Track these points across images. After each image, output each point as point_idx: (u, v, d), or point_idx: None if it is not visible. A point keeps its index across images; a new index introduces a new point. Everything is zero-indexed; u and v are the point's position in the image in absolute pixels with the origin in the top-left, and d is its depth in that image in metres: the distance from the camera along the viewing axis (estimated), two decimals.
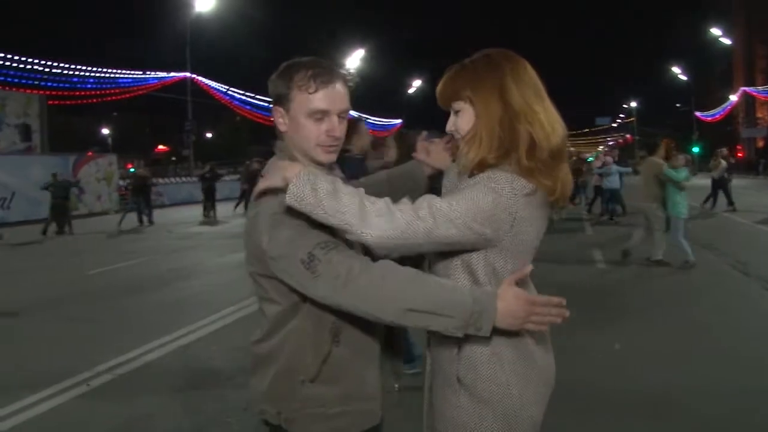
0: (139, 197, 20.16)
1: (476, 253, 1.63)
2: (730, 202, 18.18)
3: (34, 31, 78.13)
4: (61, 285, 9.87)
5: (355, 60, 48.76)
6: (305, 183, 1.53)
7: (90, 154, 28.07)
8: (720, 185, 18.41)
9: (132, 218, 19.58)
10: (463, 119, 1.69)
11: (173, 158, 63.67)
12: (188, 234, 17.06)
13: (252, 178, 18.80)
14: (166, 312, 7.66)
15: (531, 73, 1.67)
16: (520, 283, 1.60)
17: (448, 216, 1.53)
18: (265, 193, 1.65)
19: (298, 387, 1.71)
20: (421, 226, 1.52)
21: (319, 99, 1.69)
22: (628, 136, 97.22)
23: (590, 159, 23.73)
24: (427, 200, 1.57)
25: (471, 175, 1.64)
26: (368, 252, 1.62)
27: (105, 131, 62.93)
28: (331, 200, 1.51)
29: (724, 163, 18.12)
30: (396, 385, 1.97)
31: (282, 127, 1.79)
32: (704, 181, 19.53)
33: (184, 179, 34.78)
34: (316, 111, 1.70)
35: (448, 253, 1.66)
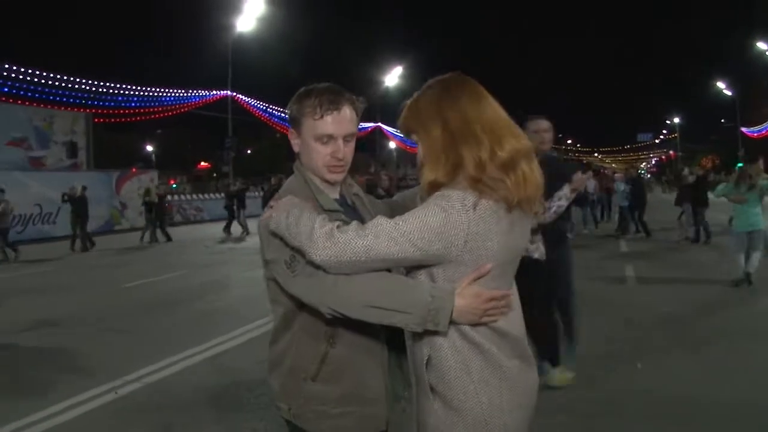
0: (151, 214, 20.28)
1: (436, 268, 1.68)
2: None
3: (81, 52, 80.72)
4: (99, 297, 10.17)
5: (393, 77, 49.04)
6: (282, 212, 1.74)
7: (134, 170, 28.81)
8: None
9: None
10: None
11: (214, 174, 64.74)
12: (223, 249, 17.35)
13: (270, 194, 19.04)
14: (198, 324, 7.84)
15: (472, 95, 1.73)
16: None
17: (390, 234, 1.61)
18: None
19: (302, 384, 1.88)
20: (360, 244, 1.61)
21: (325, 124, 1.87)
22: (671, 152, 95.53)
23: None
24: (375, 220, 1.67)
25: (427, 195, 1.72)
26: None
27: (149, 148, 64.36)
28: (294, 226, 1.69)
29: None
30: (406, 393, 2.03)
31: (296, 148, 1.99)
32: None
33: (223, 195, 35.34)
34: (322, 135, 1.88)
35: (413, 268, 1.73)
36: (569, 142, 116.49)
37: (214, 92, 36.03)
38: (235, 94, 37.13)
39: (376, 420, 1.91)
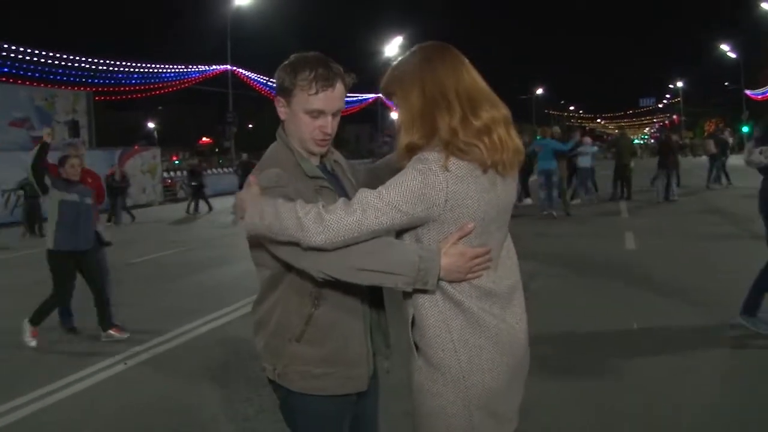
0: (115, 198, 18.85)
1: (421, 228, 1.77)
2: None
3: (79, 30, 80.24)
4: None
5: (393, 47, 48.71)
6: (254, 213, 1.75)
7: (136, 147, 28.88)
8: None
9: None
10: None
11: (216, 149, 64.77)
12: (227, 223, 17.49)
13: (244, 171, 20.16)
14: (203, 296, 8.02)
15: (450, 63, 1.80)
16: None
17: (376, 205, 1.68)
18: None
19: (286, 345, 1.93)
20: (350, 221, 1.67)
21: (318, 100, 1.91)
22: (674, 117, 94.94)
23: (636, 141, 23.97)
24: (359, 194, 1.74)
25: (403, 159, 1.79)
26: None
27: (151, 125, 64.37)
28: (276, 222, 1.71)
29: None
30: (388, 351, 2.12)
31: (282, 116, 2.02)
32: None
33: (225, 170, 35.45)
34: (313, 110, 1.93)
35: (399, 231, 1.82)
36: (572, 108, 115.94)
37: (214, 67, 35.98)
38: (234, 68, 37.04)
39: (358, 381, 1.98)
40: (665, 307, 6.32)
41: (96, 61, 28.33)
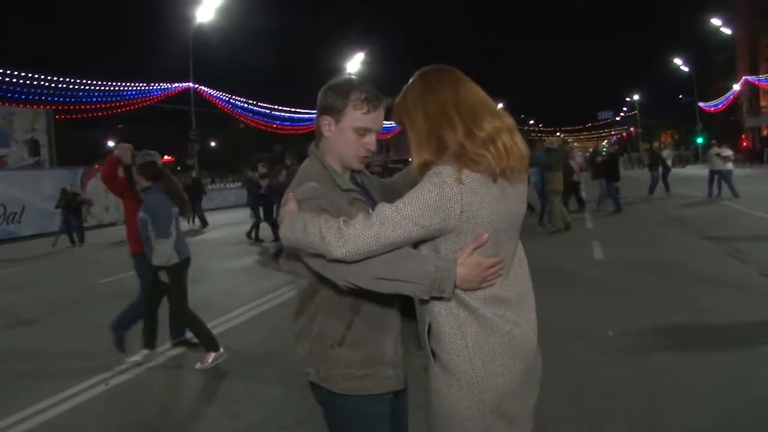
0: (70, 215, 18.77)
1: (438, 239, 1.86)
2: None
3: (39, 47, 78.91)
4: (75, 294, 10.19)
5: (356, 63, 48.93)
6: (287, 227, 1.89)
7: (96, 167, 28.39)
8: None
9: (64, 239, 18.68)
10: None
11: (178, 168, 64.07)
12: (194, 242, 17.34)
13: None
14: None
15: (447, 83, 1.91)
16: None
17: (393, 219, 1.77)
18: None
19: (328, 350, 2.08)
20: (369, 234, 1.77)
21: (368, 119, 2.09)
22: (632, 129, 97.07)
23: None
24: (378, 208, 1.83)
25: (419, 176, 1.89)
26: None
27: (111, 143, 63.39)
28: (303, 236, 1.84)
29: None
30: (419, 352, 2.19)
31: (327, 134, 2.13)
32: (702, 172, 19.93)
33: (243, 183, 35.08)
34: (362, 128, 2.09)
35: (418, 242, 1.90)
36: (531, 122, 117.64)
37: (177, 85, 35.67)
38: (197, 86, 36.80)
39: (395, 380, 2.13)
40: (638, 312, 6.48)
41: (56, 78, 27.89)
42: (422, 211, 1.77)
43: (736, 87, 60.40)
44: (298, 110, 48.49)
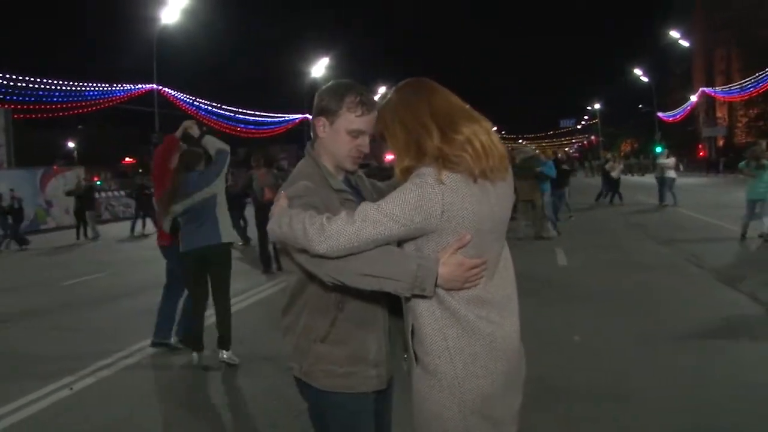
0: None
1: (421, 239, 1.89)
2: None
3: None
4: (40, 296, 10.01)
5: (320, 68, 48.81)
6: (274, 222, 1.94)
7: (55, 168, 27.84)
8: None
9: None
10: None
11: (140, 170, 63.16)
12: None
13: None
14: (140, 319, 7.81)
15: (421, 92, 1.97)
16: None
17: (374, 217, 1.81)
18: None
19: (312, 345, 2.11)
20: (350, 231, 1.80)
21: (362, 122, 2.13)
22: (593, 137, 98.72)
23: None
24: (361, 206, 1.87)
25: (403, 180, 1.93)
26: None
27: (71, 144, 62.25)
28: (289, 231, 1.88)
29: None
30: (405, 355, 2.20)
31: (321, 134, 2.18)
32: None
33: (152, 190, 34.52)
34: (356, 130, 2.14)
35: (401, 241, 1.93)
36: (494, 129, 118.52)
37: (140, 86, 35.15)
38: (161, 87, 36.34)
39: (378, 380, 2.15)
40: (601, 317, 6.63)
41: (15, 77, 27.26)
42: (403, 209, 1.80)
43: (694, 98, 61.88)
44: (262, 114, 48.20)
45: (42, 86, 28.43)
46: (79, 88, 30.57)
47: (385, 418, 2.34)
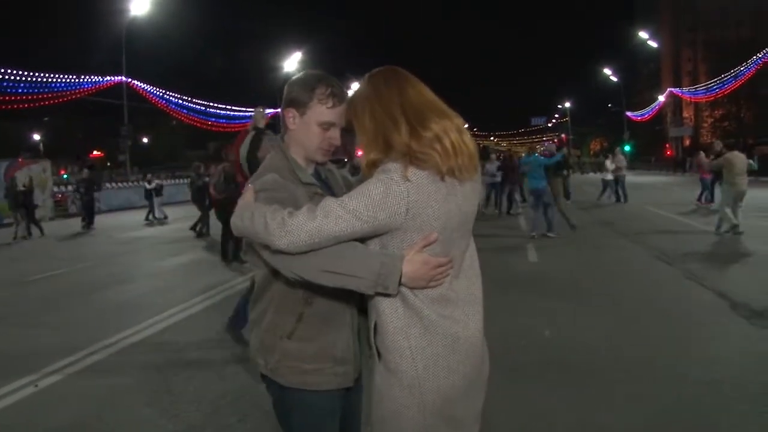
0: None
1: (386, 237, 1.85)
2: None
3: None
4: (2, 292, 9.78)
5: (293, 62, 48.55)
6: (237, 215, 1.92)
7: (21, 160, 27.21)
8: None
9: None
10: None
11: (108, 164, 62.24)
12: (128, 239, 16.90)
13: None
14: (110, 315, 7.71)
15: (392, 84, 1.92)
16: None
17: (336, 212, 1.77)
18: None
19: (278, 342, 2.07)
20: (311, 226, 1.77)
21: (332, 114, 2.10)
22: (563, 135, 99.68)
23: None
24: (324, 201, 1.83)
25: (368, 174, 1.90)
26: None
27: (36, 137, 61.08)
28: (250, 227, 1.85)
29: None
30: (370, 350, 2.19)
31: (291, 126, 2.14)
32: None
33: (121, 185, 34.06)
34: (326, 122, 2.10)
35: (366, 237, 1.89)
36: (465, 126, 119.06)
37: (108, 78, 34.61)
38: (129, 80, 35.83)
39: (344, 377, 2.11)
40: (572, 312, 6.69)
41: None
42: (367, 206, 1.77)
43: (661, 98, 62.91)
44: (233, 108, 47.79)
45: (7, 77, 27.83)
46: (44, 79, 29.99)
47: (355, 416, 2.30)
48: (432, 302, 1.86)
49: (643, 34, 58.45)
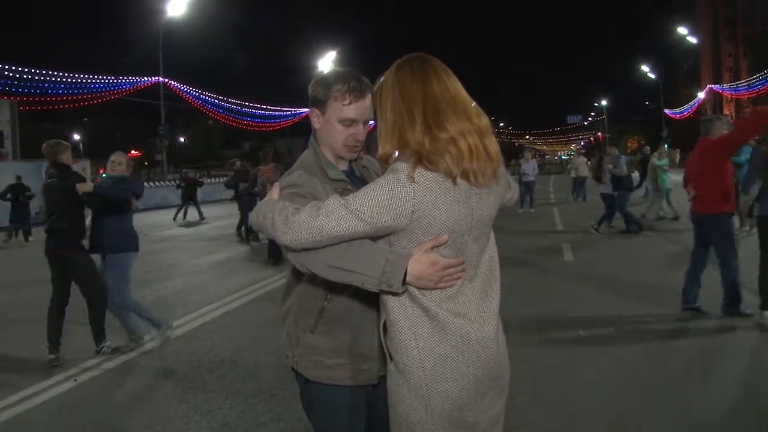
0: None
1: (392, 237, 1.82)
2: None
3: (3, 37, 77.21)
4: (42, 288, 9.96)
5: (327, 62, 48.73)
6: (256, 211, 1.94)
7: None
8: None
9: None
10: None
11: (146, 163, 63.26)
12: (164, 237, 17.12)
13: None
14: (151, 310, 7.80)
15: (421, 76, 1.84)
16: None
17: (339, 212, 1.75)
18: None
19: (302, 335, 2.13)
20: (312, 225, 1.75)
21: (351, 110, 2.09)
22: (599, 134, 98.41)
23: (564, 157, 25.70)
24: (329, 200, 1.81)
25: (381, 168, 1.87)
26: None
27: (76, 137, 62.30)
28: (263, 220, 1.87)
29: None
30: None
31: (316, 125, 2.17)
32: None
33: (157, 183, 34.59)
34: (346, 119, 2.10)
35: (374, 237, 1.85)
36: (501, 124, 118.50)
37: (146, 78, 35.17)
38: (167, 80, 36.36)
39: (367, 374, 2.11)
40: (607, 313, 6.58)
41: (21, 69, 27.29)
42: (371, 207, 1.74)
43: (701, 95, 61.71)
44: (269, 107, 48.19)
45: (48, 78, 28.48)
46: (84, 80, 30.62)
47: (380, 414, 2.21)
48: (441, 302, 1.80)
49: (682, 30, 57.40)
